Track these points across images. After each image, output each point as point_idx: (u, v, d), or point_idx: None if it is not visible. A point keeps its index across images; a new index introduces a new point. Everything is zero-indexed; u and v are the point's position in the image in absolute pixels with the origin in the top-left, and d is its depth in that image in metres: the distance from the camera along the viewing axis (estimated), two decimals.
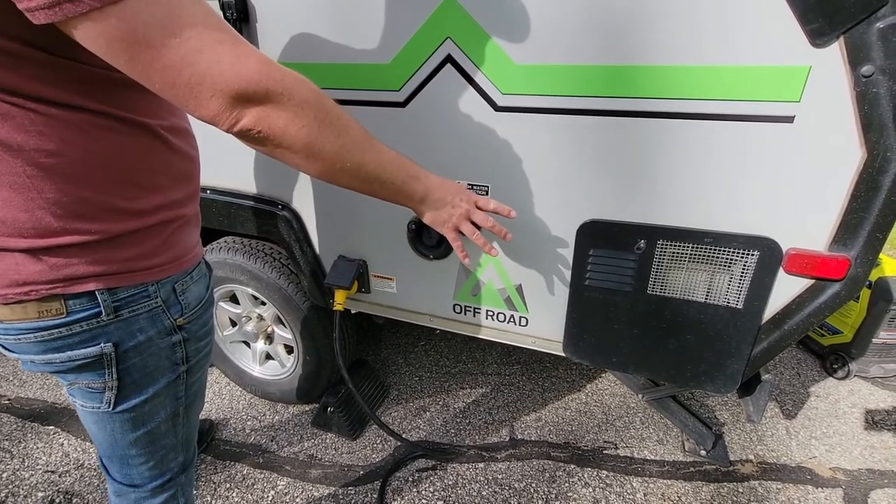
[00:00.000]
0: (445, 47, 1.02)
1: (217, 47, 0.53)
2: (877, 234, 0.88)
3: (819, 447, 1.73)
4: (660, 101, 0.91)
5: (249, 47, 0.57)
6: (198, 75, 0.53)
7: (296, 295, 1.56)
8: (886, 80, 0.77)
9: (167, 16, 0.51)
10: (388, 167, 0.74)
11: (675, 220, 1.01)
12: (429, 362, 2.19)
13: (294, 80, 0.59)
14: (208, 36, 0.53)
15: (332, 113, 0.64)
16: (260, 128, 0.58)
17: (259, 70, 0.55)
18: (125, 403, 0.76)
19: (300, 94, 0.59)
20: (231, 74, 0.54)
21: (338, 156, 0.66)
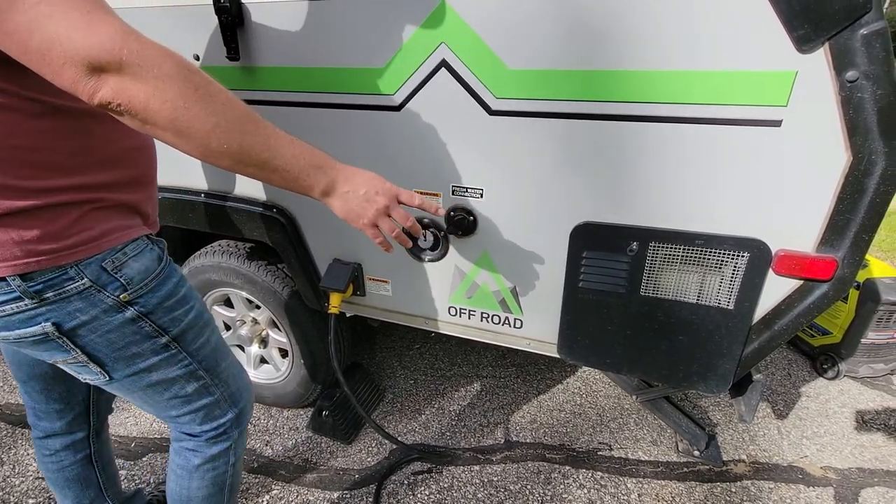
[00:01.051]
0: (440, 52, 1.03)
1: (70, 13, 0.52)
2: (862, 236, 0.89)
3: (810, 446, 1.75)
4: (651, 105, 0.93)
5: (108, 15, 0.55)
6: (47, 41, 0.52)
7: (290, 298, 1.56)
8: (870, 84, 0.79)
9: None
10: (281, 153, 0.69)
11: (666, 223, 1.03)
12: (424, 365, 2.19)
13: (156, 52, 0.56)
14: (60, 2, 0.52)
15: (204, 89, 0.60)
16: (119, 101, 0.56)
17: (112, 38, 0.53)
18: (120, 373, 0.80)
19: (161, 68, 0.56)
20: (81, 42, 0.52)
21: (211, 135, 0.61)
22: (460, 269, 1.27)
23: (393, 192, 0.82)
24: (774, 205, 0.94)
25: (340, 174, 0.77)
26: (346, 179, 0.77)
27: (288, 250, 1.43)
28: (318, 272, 1.46)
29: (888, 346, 2.00)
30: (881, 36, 0.76)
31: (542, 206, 1.11)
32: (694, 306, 1.08)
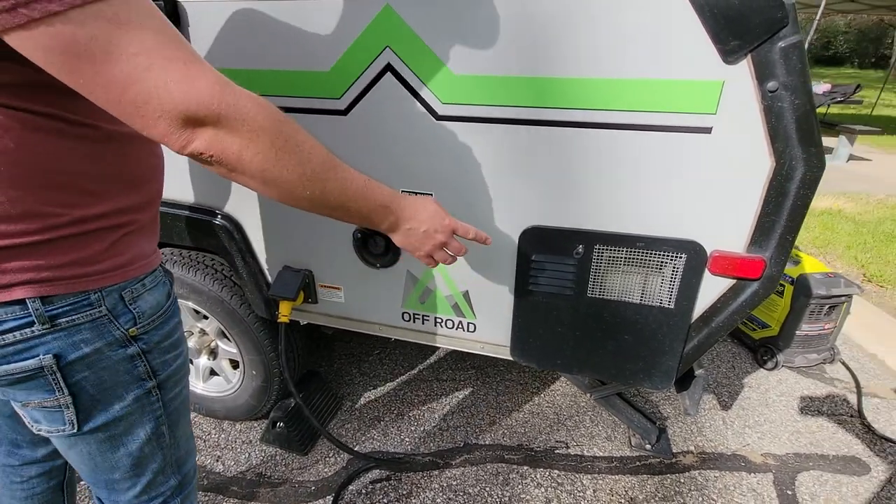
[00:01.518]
0: (385, 56, 1.02)
1: (167, 65, 0.51)
2: (787, 237, 0.95)
3: (752, 435, 1.85)
4: (590, 112, 0.95)
5: (204, 66, 0.54)
6: (144, 94, 0.50)
7: (239, 307, 1.51)
8: (789, 94, 0.84)
9: (114, 30, 0.48)
10: (354, 196, 0.71)
11: (609, 226, 1.06)
12: (383, 371, 2.17)
13: (251, 104, 0.57)
14: (158, 53, 0.50)
15: (293, 139, 0.61)
16: (212, 152, 0.56)
17: (210, 92, 0.53)
18: (91, 422, 0.71)
19: (256, 120, 0.57)
20: (179, 95, 0.51)
21: (297, 183, 0.63)
22: (413, 274, 1.27)
23: (450, 228, 0.85)
24: (708, 208, 0.98)
25: (405, 211, 0.79)
26: (410, 217, 0.80)
27: (235, 258, 1.38)
28: (267, 280, 1.42)
29: (820, 337, 2.14)
30: (797, 48, 0.81)
31: (491, 210, 1.12)
32: (638, 306, 1.12)
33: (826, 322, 2.11)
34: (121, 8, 0.49)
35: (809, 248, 3.54)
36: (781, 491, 1.61)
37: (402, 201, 0.78)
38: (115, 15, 0.48)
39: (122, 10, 0.49)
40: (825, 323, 2.11)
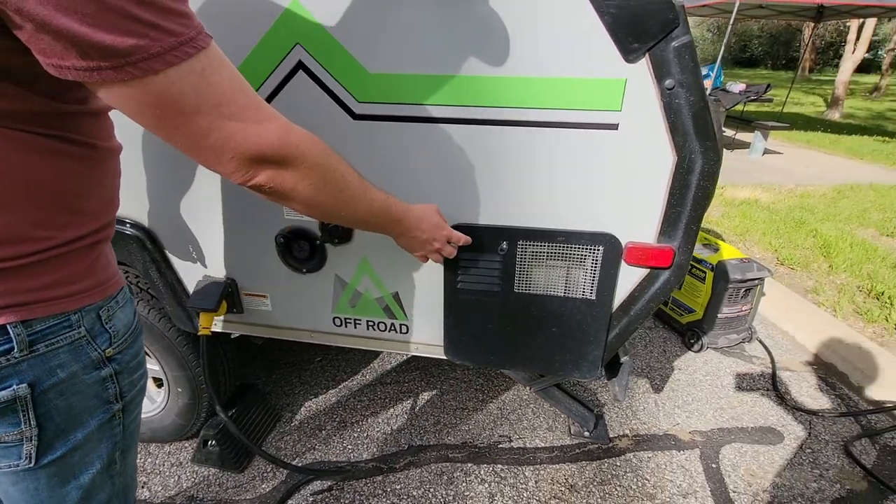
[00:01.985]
0: (296, 53, 0.98)
1: (243, 114, 0.56)
2: (691, 226, 1.01)
3: (681, 415, 1.96)
4: (505, 109, 0.97)
5: (270, 111, 0.60)
6: (222, 140, 0.55)
7: (158, 322, 1.41)
8: (684, 92, 0.89)
9: (201, 84, 0.52)
10: (377, 213, 0.82)
11: (530, 222, 1.08)
12: (325, 378, 2.11)
13: (309, 143, 0.64)
14: (235, 103, 0.55)
15: (338, 171, 0.70)
16: (272, 185, 0.62)
17: (279, 137, 0.59)
18: (50, 455, 0.64)
19: (312, 158, 0.64)
20: (254, 140, 0.57)
21: (336, 206, 0.73)
22: (341, 277, 1.23)
23: (446, 238, 1.00)
24: (620, 201, 1.02)
25: (412, 222, 0.91)
26: (415, 226, 0.92)
27: (149, 269, 1.29)
28: (187, 291, 1.33)
29: (738, 318, 2.30)
30: (689, 48, 0.86)
31: None
32: (562, 299, 1.15)
33: (743, 304, 2.28)
34: (205, 62, 0.52)
35: (731, 236, 3.81)
36: (707, 465, 1.72)
37: (412, 213, 0.90)
38: (203, 69, 0.52)
39: (206, 63, 0.52)
40: (742, 305, 2.27)
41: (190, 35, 0.50)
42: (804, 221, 4.07)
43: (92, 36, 0.44)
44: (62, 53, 0.45)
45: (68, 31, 0.43)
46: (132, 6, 0.45)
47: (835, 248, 3.50)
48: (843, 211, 4.49)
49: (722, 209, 4.43)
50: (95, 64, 0.46)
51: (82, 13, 0.43)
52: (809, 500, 1.59)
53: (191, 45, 0.50)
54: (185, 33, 0.50)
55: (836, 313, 2.73)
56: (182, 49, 0.49)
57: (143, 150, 1.14)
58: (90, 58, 0.45)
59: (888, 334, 2.55)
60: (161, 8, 0.48)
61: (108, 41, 0.45)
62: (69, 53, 0.45)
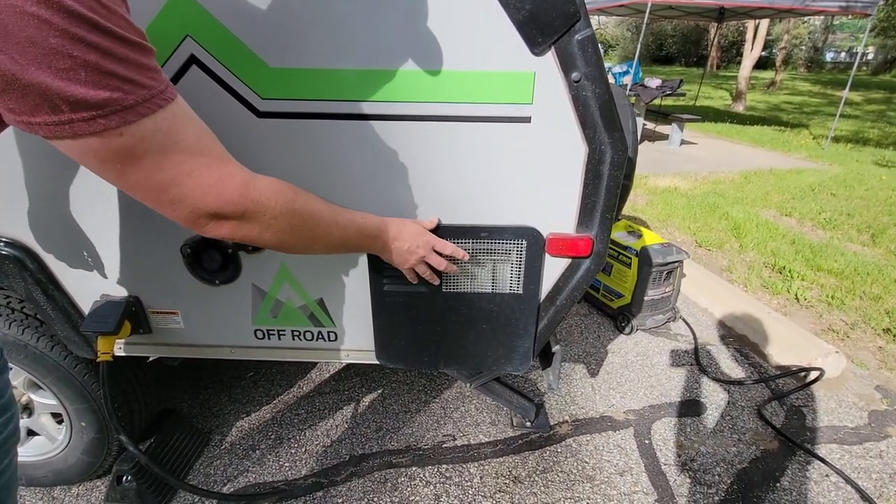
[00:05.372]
0: (186, 47, 0.90)
1: (205, 171, 0.56)
2: (607, 215, 1.03)
3: (615, 396, 2.04)
4: (418, 104, 0.94)
5: (233, 167, 0.60)
6: (181, 195, 0.55)
7: (50, 350, 1.25)
8: (591, 84, 0.91)
9: (165, 141, 0.52)
10: (351, 237, 0.82)
11: (454, 219, 1.06)
12: (258, 394, 1.99)
13: (270, 195, 0.64)
14: (198, 160, 0.55)
15: (304, 213, 0.70)
16: (234, 237, 0.63)
17: (239, 193, 0.60)
18: None
19: (274, 210, 0.64)
20: (212, 197, 0.57)
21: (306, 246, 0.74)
22: (259, 287, 1.16)
23: (430, 244, 0.98)
24: (539, 194, 1.03)
25: (391, 234, 0.90)
26: (395, 237, 0.91)
27: (33, 293, 1.14)
28: (83, 314, 1.19)
29: (663, 300, 2.44)
30: (591, 41, 0.88)
31: None
32: (491, 295, 1.14)
33: (666, 286, 2.42)
34: (172, 116, 0.52)
35: (655, 223, 4.05)
36: (640, 441, 1.80)
37: (389, 227, 0.90)
38: (170, 126, 0.52)
39: (173, 118, 0.53)
40: (665, 287, 2.41)
41: (160, 88, 0.51)
42: (717, 206, 4.41)
43: (64, 90, 0.44)
44: (32, 110, 0.45)
45: (40, 86, 0.43)
46: (107, 61, 0.45)
47: (743, 229, 3.82)
48: (749, 195, 4.91)
49: (647, 197, 4.71)
50: (67, 117, 0.45)
51: (56, 68, 0.43)
52: (730, 463, 1.72)
53: (161, 98, 0.51)
54: (155, 87, 0.50)
55: (747, 288, 2.97)
56: (153, 101, 0.50)
57: (16, 156, 1.00)
58: (61, 111, 0.45)
59: (790, 304, 2.82)
60: (134, 63, 0.48)
61: (81, 94, 0.45)
62: (40, 109, 0.45)
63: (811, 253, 3.42)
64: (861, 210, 4.50)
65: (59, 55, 0.42)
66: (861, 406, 2.02)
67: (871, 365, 2.31)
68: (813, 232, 4.00)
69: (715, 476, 1.66)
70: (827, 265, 3.21)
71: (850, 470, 1.69)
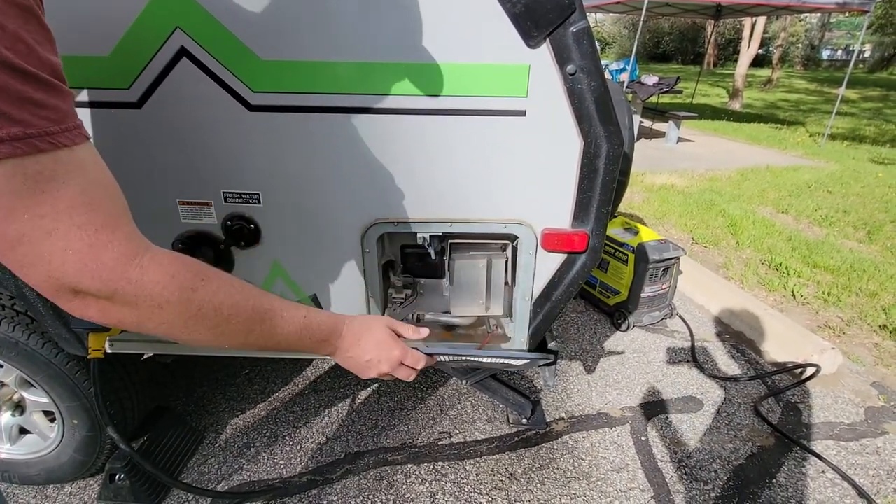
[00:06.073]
0: (176, 38, 0.88)
1: (73, 232, 0.45)
2: (602, 210, 1.03)
3: (612, 392, 2.04)
4: (409, 97, 0.93)
5: (119, 234, 0.48)
6: (32, 257, 0.44)
7: (41, 348, 1.24)
8: (586, 77, 0.90)
9: (28, 189, 0.42)
10: (283, 342, 0.65)
11: (448, 215, 1.05)
12: (253, 392, 1.98)
13: (159, 276, 0.50)
14: (70, 216, 0.44)
15: (209, 306, 0.55)
16: (106, 322, 0.51)
17: (111, 268, 0.47)
18: None
19: (161, 295, 0.51)
20: (73, 267, 0.45)
21: (209, 342, 0.58)
22: (252, 283, 1.14)
23: (398, 361, 0.77)
24: (534, 189, 1.02)
25: (348, 340, 0.72)
26: (350, 346, 0.72)
27: (24, 289, 1.13)
28: None
29: (660, 296, 2.44)
30: (586, 33, 0.87)
31: (326, 206, 1.05)
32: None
33: (663, 283, 2.41)
34: (50, 165, 0.43)
35: (651, 220, 4.05)
36: (637, 438, 1.80)
37: (347, 329, 0.72)
38: (40, 172, 0.42)
39: (50, 166, 0.43)
40: (662, 284, 2.41)
41: (46, 129, 0.43)
42: (714, 203, 4.41)
43: None
44: None
45: None
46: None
47: (740, 226, 3.82)
48: (745, 192, 4.92)
49: (643, 195, 4.70)
50: None
51: None
52: (726, 460, 1.71)
53: (42, 140, 0.42)
54: (39, 126, 0.42)
55: (743, 285, 2.97)
56: (28, 141, 0.41)
57: None
58: None
59: (786, 301, 2.82)
60: (23, 97, 0.41)
61: None
62: None
63: (807, 250, 3.42)
64: (857, 207, 4.51)
65: None
66: (857, 402, 2.03)
67: (868, 361, 2.31)
68: (809, 229, 4.01)
69: (711, 473, 1.66)
70: (823, 262, 3.22)
71: (846, 466, 1.69)
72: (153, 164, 1.00)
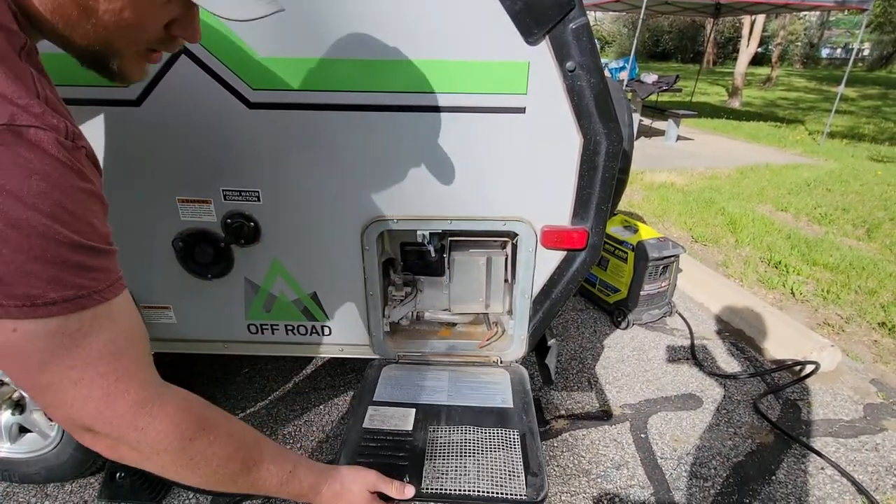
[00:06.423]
0: None
1: (95, 381, 0.50)
2: (602, 207, 1.03)
3: (612, 390, 2.04)
4: (408, 94, 0.93)
5: (134, 382, 0.53)
6: (58, 401, 0.50)
7: None
8: (585, 74, 0.90)
9: (64, 346, 0.47)
10: (267, 489, 0.68)
11: (446, 212, 1.05)
12: (253, 390, 1.98)
13: (163, 426, 0.56)
14: (94, 367, 0.50)
15: (202, 455, 0.60)
16: (111, 457, 0.57)
17: (122, 416, 0.53)
18: None
19: (160, 444, 0.56)
20: (91, 414, 0.51)
21: (198, 484, 0.63)
22: (252, 281, 1.15)
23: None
24: (534, 186, 1.02)
25: (321, 500, 0.74)
26: (328, 502, 0.74)
27: None
28: None
29: (659, 294, 2.44)
30: (586, 30, 0.87)
31: (326, 203, 1.05)
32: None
33: (662, 281, 2.41)
34: (87, 321, 0.48)
35: (651, 218, 4.05)
36: (637, 436, 1.80)
37: (324, 489, 0.74)
38: (78, 330, 0.47)
39: (87, 322, 0.48)
40: (661, 282, 2.41)
41: (96, 287, 0.47)
42: (713, 201, 4.41)
43: None
44: None
45: None
46: (50, 267, 0.43)
47: (739, 224, 3.82)
48: (745, 190, 4.92)
49: (643, 193, 4.70)
50: None
51: None
52: (726, 457, 1.72)
53: (89, 298, 0.47)
54: (87, 286, 0.47)
55: (743, 283, 2.98)
56: (77, 301, 0.46)
57: None
58: None
59: (786, 299, 2.83)
60: (78, 265, 0.46)
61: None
62: None
63: (807, 248, 3.42)
64: (856, 205, 4.51)
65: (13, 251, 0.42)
66: (856, 399, 2.03)
67: (867, 359, 2.31)
68: (808, 227, 4.01)
69: (711, 470, 1.66)
70: (822, 260, 3.22)
71: (845, 463, 1.70)
72: (152, 162, 1.00)
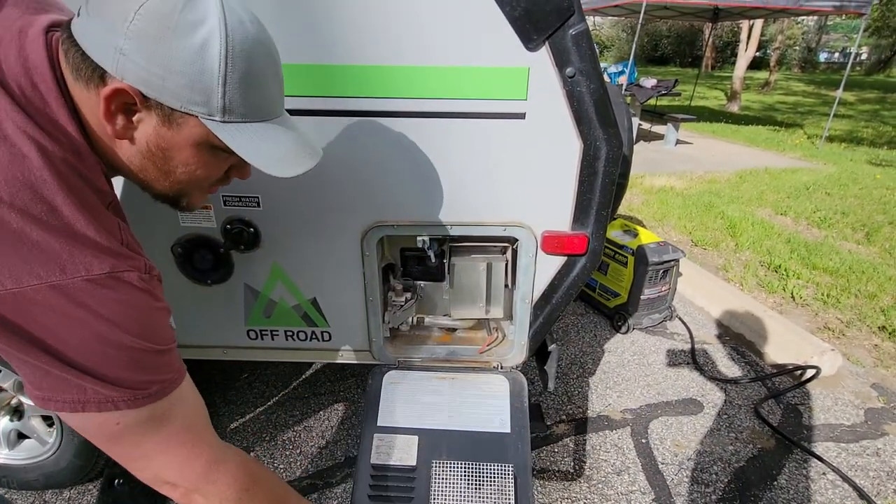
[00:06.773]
0: None
1: (175, 449, 0.61)
2: (602, 212, 1.03)
3: (612, 395, 2.04)
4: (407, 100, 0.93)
5: (205, 446, 0.65)
6: (146, 466, 0.62)
7: None
8: (585, 80, 0.90)
9: (151, 427, 0.57)
10: None
11: (446, 218, 1.05)
12: (253, 396, 1.97)
13: (228, 480, 0.67)
14: (176, 439, 0.61)
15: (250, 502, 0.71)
16: (182, 500, 0.67)
17: (199, 474, 0.64)
18: None
19: (223, 493, 0.67)
20: (174, 473, 0.63)
21: None
22: (252, 287, 1.14)
23: None
24: (534, 191, 1.03)
25: None
26: None
27: None
28: None
29: (659, 298, 2.44)
30: (585, 36, 0.87)
31: (327, 208, 1.05)
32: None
33: (662, 285, 2.41)
34: (166, 405, 0.59)
35: (651, 222, 4.05)
36: (637, 440, 1.80)
37: None
38: (161, 413, 0.58)
39: (167, 406, 0.59)
40: (662, 286, 2.41)
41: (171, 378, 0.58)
42: (713, 205, 4.41)
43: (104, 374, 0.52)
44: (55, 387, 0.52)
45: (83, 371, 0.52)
46: (139, 371, 0.55)
47: (739, 228, 3.82)
48: (744, 194, 4.93)
49: (643, 197, 4.71)
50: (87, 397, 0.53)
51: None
52: (727, 462, 1.71)
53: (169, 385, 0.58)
54: (166, 379, 0.58)
55: (743, 287, 2.97)
56: (161, 392, 0.57)
57: None
58: (84, 392, 0.52)
59: (786, 303, 2.82)
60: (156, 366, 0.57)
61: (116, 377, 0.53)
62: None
63: (806, 251, 3.42)
64: (855, 209, 4.52)
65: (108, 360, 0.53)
66: (857, 404, 2.02)
67: (867, 363, 2.31)
68: (808, 231, 4.02)
69: (712, 475, 1.65)
70: (822, 264, 3.22)
71: (846, 468, 1.69)
72: None
